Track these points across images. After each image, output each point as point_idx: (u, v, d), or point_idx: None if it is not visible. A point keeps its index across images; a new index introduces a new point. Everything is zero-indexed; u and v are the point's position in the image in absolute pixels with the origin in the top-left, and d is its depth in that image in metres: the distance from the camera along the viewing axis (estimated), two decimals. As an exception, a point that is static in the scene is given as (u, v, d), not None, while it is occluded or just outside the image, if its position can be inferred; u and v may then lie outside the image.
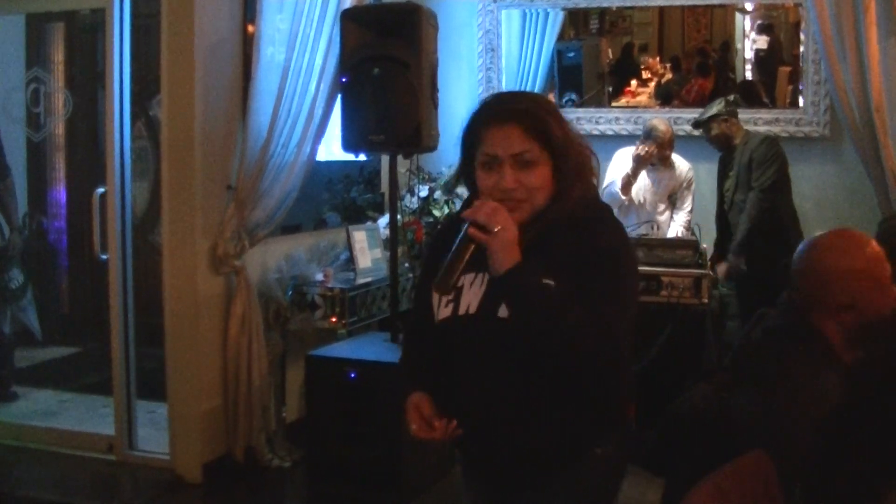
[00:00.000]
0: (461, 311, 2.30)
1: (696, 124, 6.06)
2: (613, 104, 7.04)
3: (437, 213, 6.10)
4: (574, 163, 2.28)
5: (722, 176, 6.08)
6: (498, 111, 2.32)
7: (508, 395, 2.27)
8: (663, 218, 6.22)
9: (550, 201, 2.28)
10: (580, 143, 2.33)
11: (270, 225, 5.13)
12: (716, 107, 5.93)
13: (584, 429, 2.30)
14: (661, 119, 6.26)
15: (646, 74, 7.11)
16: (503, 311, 2.22)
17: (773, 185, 5.70)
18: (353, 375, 4.78)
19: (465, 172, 2.42)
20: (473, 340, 2.30)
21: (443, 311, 2.35)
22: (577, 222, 2.26)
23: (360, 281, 5.51)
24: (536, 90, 7.08)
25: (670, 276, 5.26)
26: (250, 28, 5.09)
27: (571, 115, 6.40)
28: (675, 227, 6.19)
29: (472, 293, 2.30)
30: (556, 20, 7.11)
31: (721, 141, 5.95)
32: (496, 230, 2.14)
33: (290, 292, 5.36)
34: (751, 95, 6.72)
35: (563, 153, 2.25)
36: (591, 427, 2.31)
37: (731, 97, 6.11)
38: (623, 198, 6.01)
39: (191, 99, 4.84)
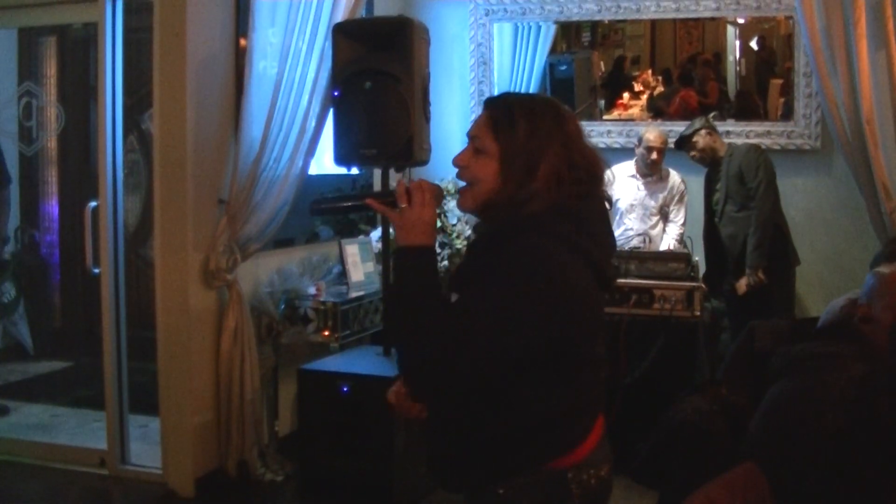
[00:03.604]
0: None
1: (680, 142, 6.04)
2: (605, 117, 7.06)
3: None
4: (529, 173, 2.14)
5: (708, 191, 6.09)
6: (489, 98, 2.30)
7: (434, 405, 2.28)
8: (655, 231, 6.24)
9: (498, 205, 2.16)
10: (575, 161, 2.16)
11: (262, 238, 5.12)
12: (697, 122, 5.95)
13: (483, 460, 2.18)
14: (652, 127, 6.31)
15: (638, 87, 7.12)
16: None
17: (768, 188, 5.71)
18: (345, 389, 4.77)
19: None
20: None
21: None
22: (502, 235, 2.15)
23: (353, 294, 5.51)
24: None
25: (662, 289, 5.26)
26: (242, 42, 5.10)
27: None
28: (668, 239, 6.20)
29: None
30: (548, 33, 7.12)
31: (707, 154, 5.94)
32: (402, 206, 2.15)
33: (283, 306, 5.35)
34: (747, 106, 6.72)
35: (514, 154, 2.14)
36: (491, 462, 2.17)
37: (711, 114, 6.13)
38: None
39: (183, 112, 4.84)
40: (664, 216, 6.26)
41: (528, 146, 2.13)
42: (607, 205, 2.31)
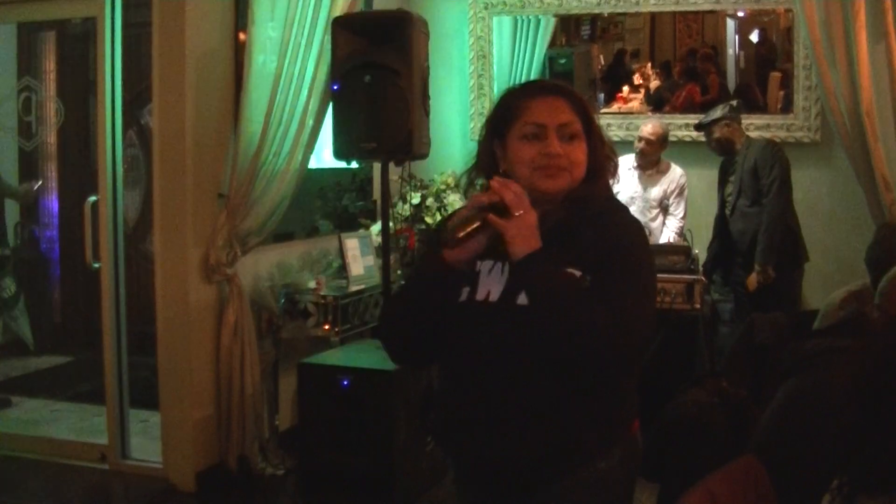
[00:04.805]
0: (479, 296, 2.23)
1: (699, 127, 6.06)
2: (605, 110, 7.04)
3: (429, 220, 6.10)
4: (602, 153, 2.30)
5: (722, 181, 6.08)
6: (543, 85, 2.33)
7: (516, 390, 2.17)
8: (656, 224, 6.24)
9: (581, 184, 2.25)
10: (608, 139, 2.37)
11: (262, 233, 5.12)
12: (719, 111, 5.94)
13: (588, 439, 2.20)
14: (651, 120, 6.31)
15: (637, 80, 7.11)
16: (522, 299, 2.14)
17: (782, 186, 5.70)
18: (345, 383, 4.77)
19: (487, 155, 2.33)
20: (490, 328, 2.20)
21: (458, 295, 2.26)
22: (601, 215, 2.24)
23: (353, 288, 5.51)
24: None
25: (662, 282, 5.26)
26: (242, 36, 5.09)
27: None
28: (668, 232, 6.20)
29: (491, 280, 2.23)
30: (547, 27, 7.12)
31: (723, 145, 5.95)
32: (517, 214, 2.10)
33: (283, 300, 5.35)
34: (747, 100, 6.72)
35: (599, 137, 2.29)
36: (596, 438, 2.21)
37: (734, 102, 6.12)
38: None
39: (182, 107, 4.84)
40: (664, 209, 6.26)
41: (600, 130, 2.31)
42: None
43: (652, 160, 6.16)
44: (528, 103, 2.24)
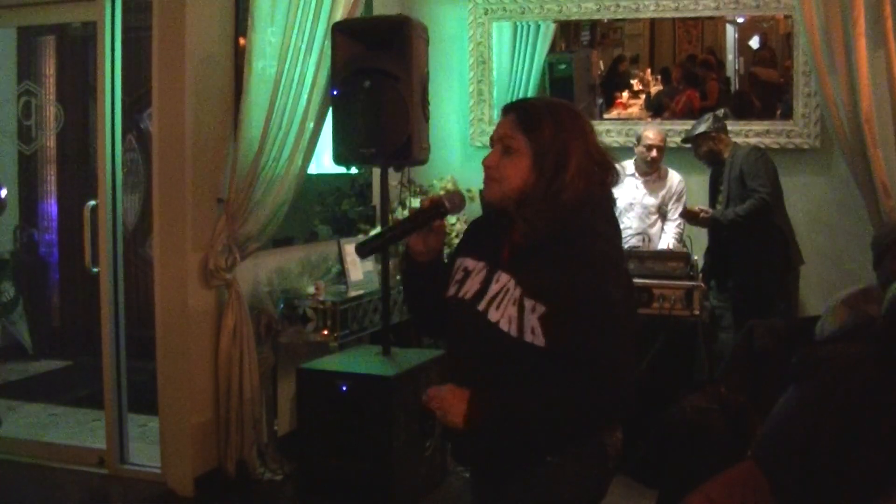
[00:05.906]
0: (461, 293, 2.40)
1: (686, 140, 6.07)
2: (605, 116, 7.05)
3: (428, 225, 6.09)
4: (560, 165, 2.29)
5: (714, 191, 6.09)
6: (510, 104, 2.45)
7: (479, 381, 2.30)
8: (654, 230, 6.23)
9: (534, 197, 2.30)
10: (593, 154, 2.35)
11: (261, 238, 5.12)
12: (704, 124, 5.93)
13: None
14: (651, 126, 6.31)
15: (637, 86, 7.11)
16: (482, 305, 2.32)
17: (773, 192, 5.70)
18: (344, 388, 4.77)
19: None
20: (461, 324, 2.41)
21: (450, 289, 2.46)
22: (566, 235, 2.29)
23: (352, 294, 5.51)
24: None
25: (661, 289, 5.26)
26: (241, 41, 5.09)
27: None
28: (667, 238, 6.19)
29: (475, 280, 2.39)
30: (547, 32, 7.12)
31: (710, 158, 5.96)
32: (439, 416, 2.27)
33: (282, 305, 5.35)
34: (745, 106, 6.72)
35: (545, 150, 2.30)
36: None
37: (721, 112, 6.12)
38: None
39: (182, 112, 4.84)
40: (663, 215, 6.26)
41: (556, 142, 2.31)
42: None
43: (656, 166, 6.16)
44: None
